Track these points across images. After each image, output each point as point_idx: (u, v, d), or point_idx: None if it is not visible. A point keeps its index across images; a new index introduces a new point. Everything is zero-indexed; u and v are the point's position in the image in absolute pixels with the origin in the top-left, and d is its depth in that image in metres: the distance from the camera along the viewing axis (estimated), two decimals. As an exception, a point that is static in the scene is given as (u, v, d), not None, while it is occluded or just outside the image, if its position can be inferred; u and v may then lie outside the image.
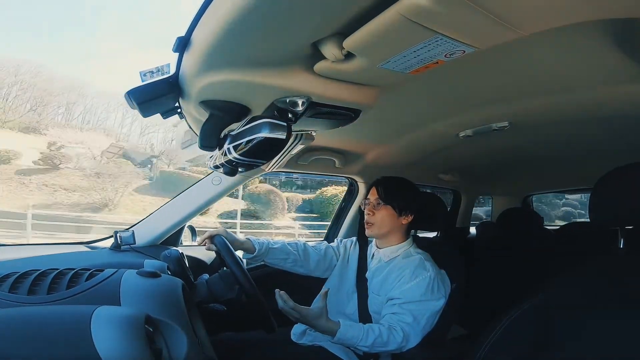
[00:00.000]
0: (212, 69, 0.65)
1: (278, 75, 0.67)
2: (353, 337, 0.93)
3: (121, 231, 1.22)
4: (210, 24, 0.54)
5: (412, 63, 0.60)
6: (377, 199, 1.13)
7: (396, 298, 1.02)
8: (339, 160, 1.41)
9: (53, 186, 12.09)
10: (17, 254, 1.05)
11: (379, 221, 1.12)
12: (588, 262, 0.78)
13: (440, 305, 1.02)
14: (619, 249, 0.78)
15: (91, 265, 0.79)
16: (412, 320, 0.98)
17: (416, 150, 1.33)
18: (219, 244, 1.00)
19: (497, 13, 0.46)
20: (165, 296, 0.71)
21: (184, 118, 0.94)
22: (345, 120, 0.89)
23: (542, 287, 0.80)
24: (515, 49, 0.60)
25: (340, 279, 1.22)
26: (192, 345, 0.62)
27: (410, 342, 0.97)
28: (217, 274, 0.99)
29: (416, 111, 0.96)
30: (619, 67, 0.67)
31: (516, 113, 0.94)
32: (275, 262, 1.19)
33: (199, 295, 0.95)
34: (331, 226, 1.83)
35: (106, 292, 0.66)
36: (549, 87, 0.79)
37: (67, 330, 0.50)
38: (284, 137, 0.70)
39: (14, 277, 0.65)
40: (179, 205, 1.32)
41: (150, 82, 0.70)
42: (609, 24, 0.54)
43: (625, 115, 0.88)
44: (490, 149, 1.35)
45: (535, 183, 2.31)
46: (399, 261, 1.11)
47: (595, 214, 0.79)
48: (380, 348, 0.96)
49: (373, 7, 0.48)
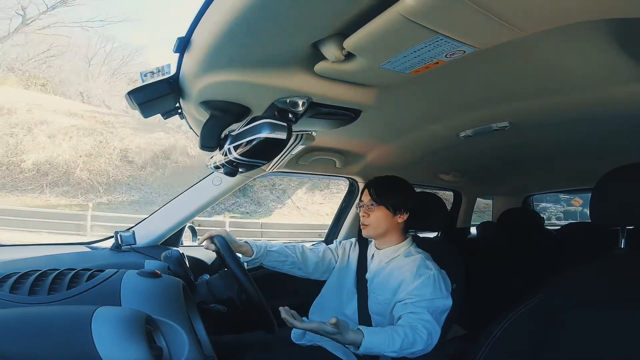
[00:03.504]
0: (212, 70, 0.65)
1: (278, 75, 0.67)
2: (380, 345, 0.87)
3: (122, 231, 1.22)
4: (210, 25, 0.55)
5: (413, 63, 0.60)
6: (370, 200, 1.13)
7: (407, 298, 0.99)
8: (339, 161, 1.41)
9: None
10: (18, 254, 1.05)
11: (374, 222, 1.12)
12: (589, 262, 0.78)
13: (449, 304, 1.02)
14: (620, 249, 0.78)
15: (92, 266, 0.79)
16: (430, 318, 0.95)
17: (416, 150, 1.33)
18: (220, 244, 1.00)
19: (497, 13, 0.46)
20: (165, 296, 0.71)
21: (184, 118, 0.94)
22: (345, 120, 0.89)
23: (542, 287, 0.80)
24: (515, 49, 0.60)
25: (339, 280, 1.22)
26: (192, 345, 0.62)
27: (434, 340, 0.94)
28: (218, 274, 0.99)
29: (416, 111, 0.96)
30: (619, 67, 0.67)
31: (516, 113, 0.94)
32: (273, 264, 1.19)
33: (199, 295, 0.95)
34: (331, 227, 1.83)
35: (107, 292, 0.66)
36: (549, 87, 0.79)
37: (68, 330, 0.50)
38: (284, 137, 0.70)
39: (15, 278, 0.65)
40: (180, 205, 1.32)
41: (150, 82, 0.70)
42: (609, 24, 0.54)
43: (625, 115, 0.88)
44: (491, 149, 1.35)
45: (536, 183, 2.31)
46: (399, 260, 1.10)
47: (596, 214, 0.79)
48: (409, 350, 0.90)
49: (373, 8, 0.48)
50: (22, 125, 10.74)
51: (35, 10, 13.96)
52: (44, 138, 10.67)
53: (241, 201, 11.44)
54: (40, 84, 13.42)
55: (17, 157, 10.29)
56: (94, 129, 11.64)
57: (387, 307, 1.06)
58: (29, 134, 10.69)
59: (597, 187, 0.78)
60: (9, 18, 13.60)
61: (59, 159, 10.43)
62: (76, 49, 15.30)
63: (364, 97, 0.79)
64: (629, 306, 0.68)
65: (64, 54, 14.69)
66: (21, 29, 13.86)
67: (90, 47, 16.01)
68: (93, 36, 15.64)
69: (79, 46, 15.44)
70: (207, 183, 1.34)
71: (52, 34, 14.20)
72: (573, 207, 7.00)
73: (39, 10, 14.03)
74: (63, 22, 14.48)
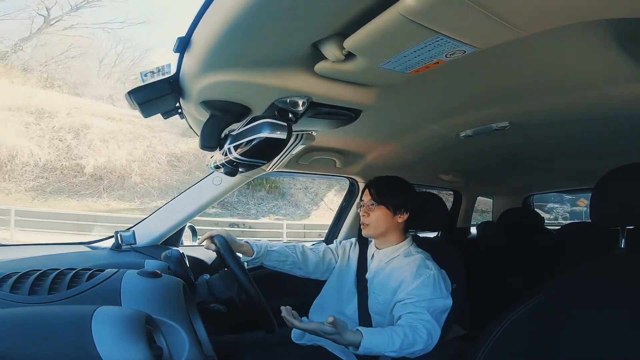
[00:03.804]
0: (212, 70, 0.65)
1: (278, 75, 0.67)
2: (379, 345, 0.87)
3: (122, 231, 1.22)
4: (210, 25, 0.55)
5: (413, 63, 0.60)
6: (371, 200, 1.13)
7: (407, 298, 0.99)
8: (339, 161, 1.41)
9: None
10: (18, 254, 1.05)
11: (374, 222, 1.12)
12: (589, 262, 0.78)
13: (449, 304, 1.02)
14: (620, 249, 0.78)
15: (92, 265, 0.79)
16: (430, 318, 0.95)
17: (417, 150, 1.33)
18: (220, 244, 1.00)
19: (497, 13, 0.46)
20: (166, 296, 0.71)
21: (184, 118, 0.94)
22: (345, 120, 0.89)
23: (542, 287, 0.80)
24: (515, 49, 0.60)
25: (340, 279, 1.22)
26: (192, 345, 0.62)
27: (434, 340, 0.94)
28: (218, 274, 0.99)
29: (416, 111, 0.96)
30: (620, 67, 0.67)
31: (516, 113, 0.94)
32: (273, 264, 1.19)
33: (199, 295, 0.95)
34: (331, 227, 1.83)
35: (107, 292, 0.66)
36: (549, 87, 0.79)
37: (68, 330, 0.50)
38: (284, 137, 0.70)
39: (15, 277, 0.65)
40: (180, 205, 1.32)
41: (151, 82, 0.70)
42: (609, 24, 0.54)
43: (625, 115, 0.88)
44: (491, 149, 1.35)
45: (536, 183, 2.31)
46: (399, 260, 1.10)
47: (596, 214, 0.79)
48: (408, 350, 0.90)
49: (373, 7, 0.48)
50: (67, 129, 10.76)
51: (59, 10, 14.11)
52: (99, 142, 10.72)
53: (280, 204, 11.56)
54: (57, 85, 13.45)
55: (71, 161, 10.28)
56: (139, 134, 11.73)
57: (387, 307, 1.06)
58: (76, 138, 10.71)
59: (597, 187, 0.78)
60: (30, 18, 13.71)
61: (116, 163, 10.50)
62: (94, 50, 15.40)
63: (364, 97, 0.79)
64: (629, 306, 0.68)
65: (83, 55, 14.76)
66: (44, 30, 13.91)
67: (103, 48, 16.12)
68: (105, 37, 15.76)
69: (96, 47, 15.55)
70: (207, 183, 1.34)
71: (73, 35, 14.31)
72: (578, 207, 7.04)
73: (62, 11, 14.17)
74: (85, 23, 14.59)
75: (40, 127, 10.57)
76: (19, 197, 9.28)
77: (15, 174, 9.50)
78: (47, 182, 9.83)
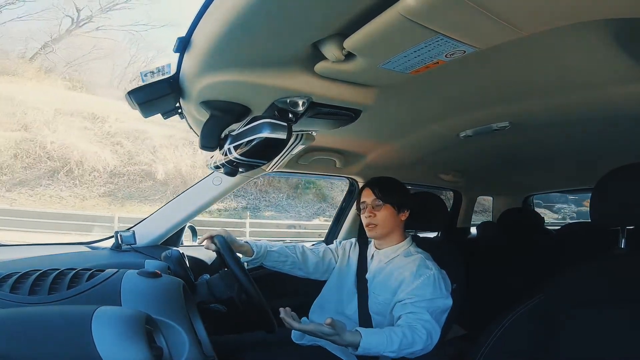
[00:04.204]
0: (212, 70, 0.65)
1: (278, 75, 0.67)
2: (378, 345, 0.87)
3: (122, 231, 1.22)
4: (210, 25, 0.55)
5: (413, 63, 0.60)
6: (375, 200, 1.13)
7: (407, 298, 0.99)
8: (339, 161, 1.41)
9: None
10: (18, 254, 1.05)
11: (381, 221, 1.12)
12: (589, 262, 0.78)
13: (449, 304, 1.02)
14: (620, 249, 0.78)
15: (92, 266, 0.79)
16: (430, 318, 0.95)
17: (417, 150, 1.33)
18: (220, 244, 1.00)
19: (497, 13, 0.46)
20: (165, 296, 0.71)
21: (184, 118, 0.94)
22: (345, 120, 0.89)
23: (542, 287, 0.80)
24: (516, 49, 0.60)
25: (340, 280, 1.22)
26: (192, 345, 0.62)
27: (433, 340, 0.93)
28: (218, 274, 0.99)
29: (416, 111, 0.96)
30: (619, 67, 0.67)
31: (516, 113, 0.94)
32: (273, 265, 1.19)
33: (199, 295, 0.95)
34: (331, 227, 1.83)
35: (107, 292, 0.66)
36: (550, 87, 0.79)
37: (68, 330, 0.50)
38: (284, 137, 0.70)
39: (15, 277, 0.65)
40: (180, 205, 1.32)
41: (151, 82, 0.70)
42: (609, 24, 0.54)
43: (625, 115, 0.88)
44: (491, 149, 1.35)
45: (536, 183, 2.31)
46: (399, 260, 1.10)
47: (596, 214, 0.79)
48: (408, 350, 0.90)
49: (373, 8, 0.48)
50: (122, 134, 10.59)
51: (87, 12, 14.06)
52: (160, 148, 10.60)
53: (324, 206, 11.59)
54: (80, 86, 13.39)
55: (135, 166, 10.14)
56: (192, 140, 11.64)
57: (387, 307, 1.06)
58: (134, 142, 10.57)
59: (597, 187, 0.78)
60: (58, 19, 13.64)
61: (181, 169, 10.44)
62: (118, 53, 15.37)
63: (364, 97, 0.79)
64: (629, 306, 0.67)
65: (107, 57, 14.71)
66: (73, 31, 13.84)
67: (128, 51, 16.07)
68: (129, 39, 15.71)
69: (121, 49, 15.52)
70: (207, 183, 1.34)
71: (99, 37, 14.25)
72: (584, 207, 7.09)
73: (91, 12, 14.09)
74: (111, 25, 14.55)
75: (94, 132, 10.42)
76: (95, 202, 9.14)
77: (85, 179, 9.37)
78: (116, 187, 9.73)
